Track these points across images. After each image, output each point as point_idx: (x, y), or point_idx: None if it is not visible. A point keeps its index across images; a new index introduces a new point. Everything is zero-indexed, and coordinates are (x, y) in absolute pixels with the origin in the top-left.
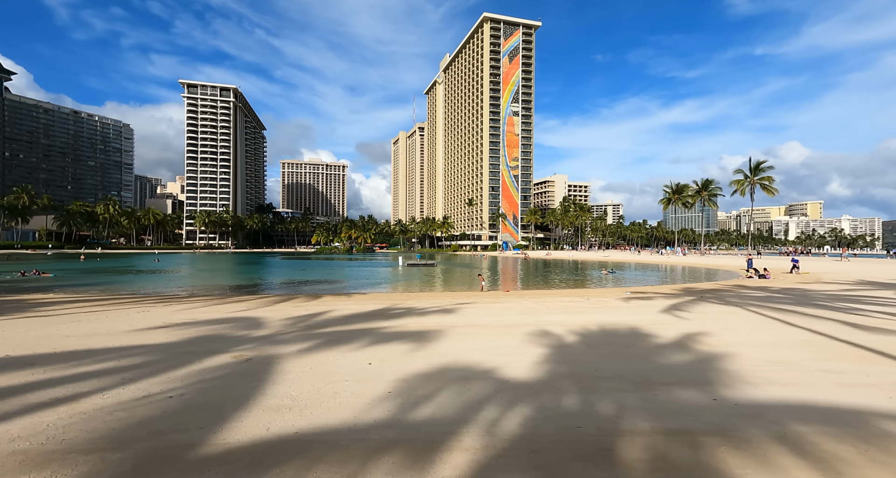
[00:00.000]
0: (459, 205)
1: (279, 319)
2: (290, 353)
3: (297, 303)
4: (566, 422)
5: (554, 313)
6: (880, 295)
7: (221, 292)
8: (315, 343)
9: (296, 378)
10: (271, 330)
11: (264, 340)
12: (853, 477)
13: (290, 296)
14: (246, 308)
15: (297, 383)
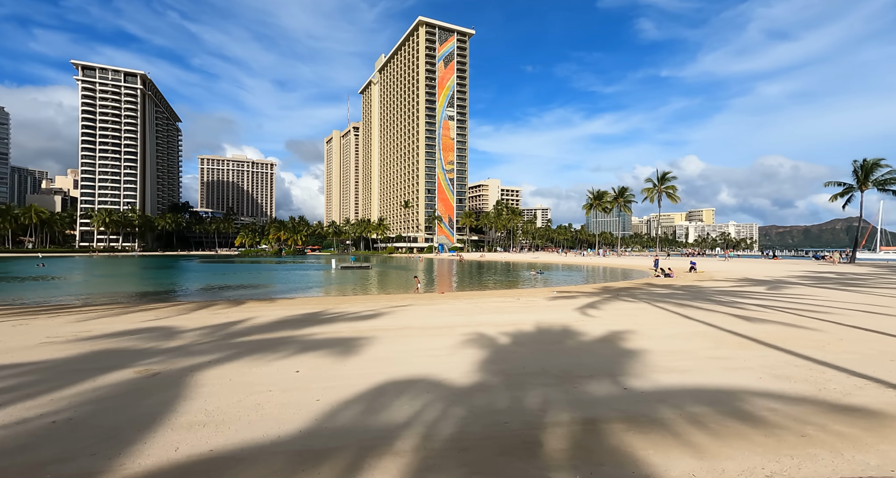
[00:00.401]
0: (395, 207)
1: (195, 328)
2: (206, 364)
3: (217, 310)
4: (494, 419)
5: (486, 314)
6: (756, 290)
7: (125, 301)
8: (236, 352)
9: (212, 391)
10: (185, 340)
11: (177, 351)
12: (732, 445)
13: (208, 303)
14: (155, 318)
15: (214, 397)
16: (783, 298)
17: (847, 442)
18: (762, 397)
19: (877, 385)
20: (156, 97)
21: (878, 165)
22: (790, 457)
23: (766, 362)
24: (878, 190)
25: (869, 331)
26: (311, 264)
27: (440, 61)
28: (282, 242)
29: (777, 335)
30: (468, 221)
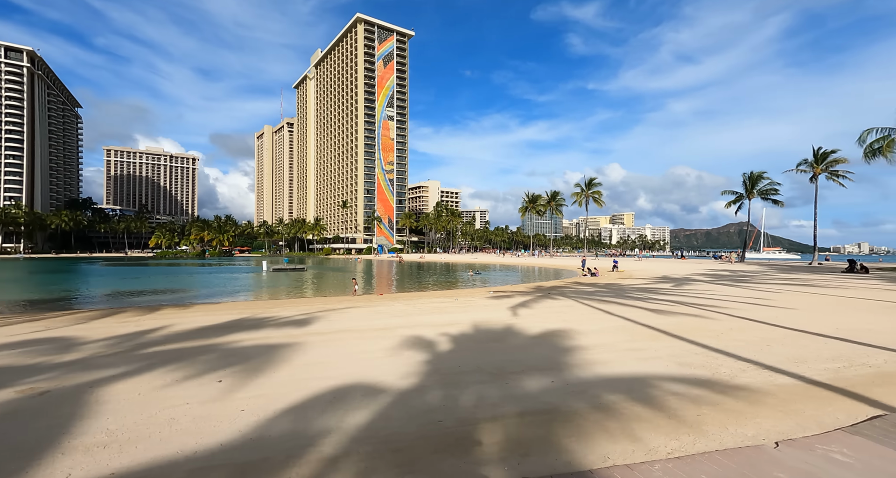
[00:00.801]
0: (333, 207)
1: (97, 339)
2: (110, 378)
3: (125, 318)
4: (429, 418)
5: (425, 314)
6: (667, 287)
7: (5, 310)
8: (148, 364)
9: (117, 408)
10: (85, 353)
11: (73, 365)
12: (641, 428)
13: (114, 310)
14: (46, 328)
15: (119, 414)
16: (688, 294)
17: (731, 418)
18: (668, 383)
19: (756, 367)
20: (48, 78)
21: (762, 178)
22: (687, 434)
23: (673, 351)
24: (761, 198)
25: (752, 321)
26: (240, 267)
27: (379, 60)
28: (205, 244)
29: (682, 327)
30: (408, 222)
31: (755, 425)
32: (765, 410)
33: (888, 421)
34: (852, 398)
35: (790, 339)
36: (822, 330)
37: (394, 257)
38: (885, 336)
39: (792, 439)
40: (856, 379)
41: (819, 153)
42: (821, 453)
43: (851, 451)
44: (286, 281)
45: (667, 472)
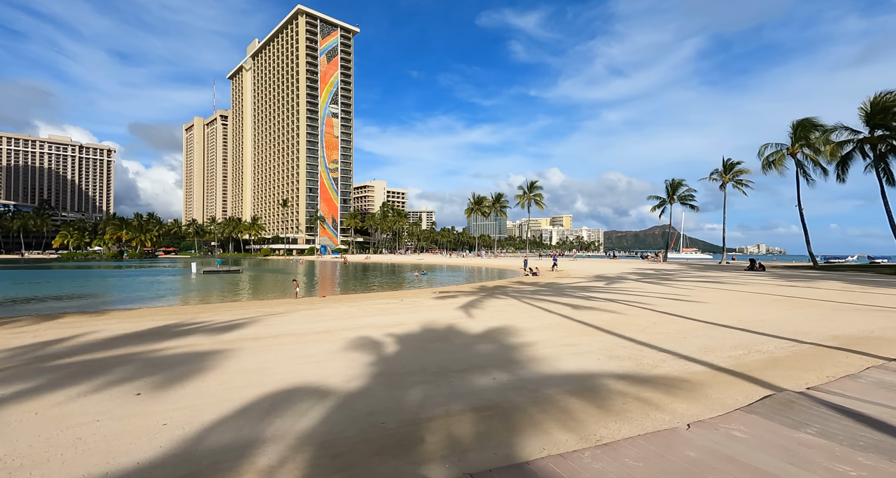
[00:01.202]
0: (272, 205)
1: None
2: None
3: (20, 328)
4: (371, 420)
5: (369, 316)
6: (600, 285)
7: None
8: (49, 379)
9: (8, 431)
10: None
11: None
12: (575, 418)
13: (4, 320)
14: None
15: (11, 437)
16: (618, 291)
17: (652, 404)
18: (599, 375)
19: (674, 357)
20: None
21: (681, 185)
22: (614, 422)
23: (604, 345)
24: (681, 203)
25: (672, 315)
26: (165, 269)
27: (322, 55)
28: (123, 244)
29: (612, 322)
30: (353, 222)
31: (671, 410)
32: (680, 396)
33: (776, 400)
34: (749, 381)
35: (702, 331)
36: (727, 322)
37: (338, 258)
38: (775, 326)
39: (701, 420)
40: (752, 364)
41: (727, 164)
42: (723, 432)
43: (747, 428)
44: (219, 284)
45: (595, 458)
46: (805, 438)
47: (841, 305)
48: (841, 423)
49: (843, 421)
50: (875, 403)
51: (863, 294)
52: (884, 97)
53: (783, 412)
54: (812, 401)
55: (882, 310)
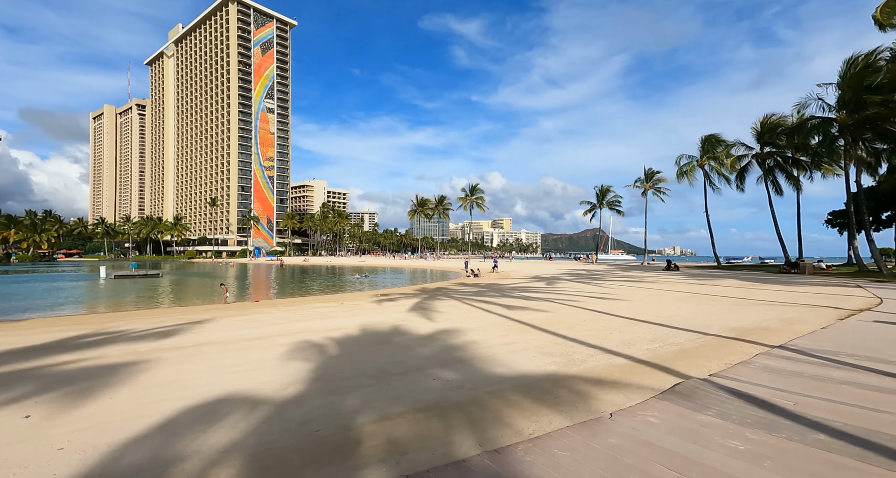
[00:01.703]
0: (199, 205)
1: None
2: None
3: None
4: (306, 428)
5: (307, 321)
6: (537, 285)
7: None
8: None
9: None
10: None
11: None
12: (510, 414)
13: None
14: None
15: None
16: (553, 291)
17: (581, 396)
18: (533, 372)
19: (601, 352)
20: None
21: (609, 191)
22: (546, 415)
23: (539, 342)
24: (609, 208)
25: (600, 312)
26: (66, 274)
27: (256, 47)
28: (10, 246)
29: (547, 321)
30: (290, 222)
31: (597, 401)
32: (605, 387)
33: (684, 386)
34: (663, 371)
35: (626, 326)
36: (646, 318)
37: (273, 261)
38: (686, 320)
39: (622, 409)
40: (666, 356)
41: (648, 173)
42: (640, 418)
43: (660, 413)
44: (134, 290)
45: (527, 451)
46: (706, 419)
47: (738, 300)
48: (734, 404)
49: (736, 402)
50: (761, 385)
51: (754, 290)
52: (770, 119)
53: (689, 398)
54: (713, 386)
55: (769, 304)
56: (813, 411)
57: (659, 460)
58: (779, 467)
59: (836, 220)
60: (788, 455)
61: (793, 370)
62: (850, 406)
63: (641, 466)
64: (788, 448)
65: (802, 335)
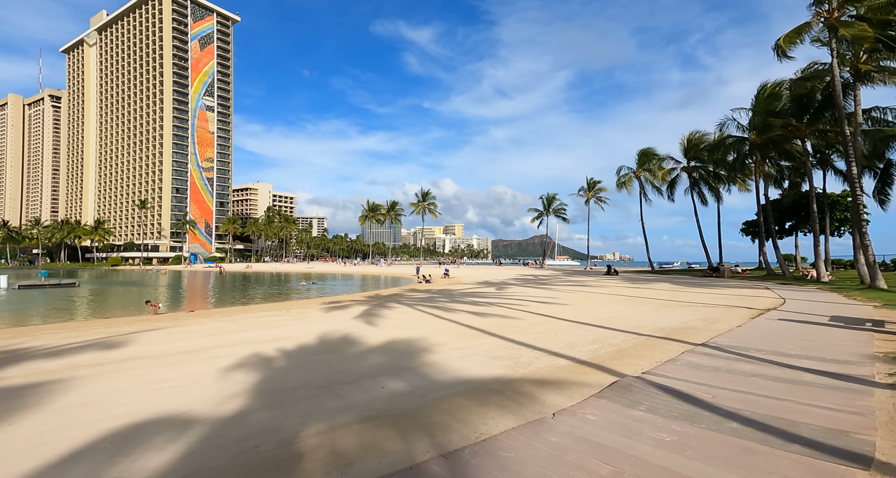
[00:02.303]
0: (125, 207)
1: None
2: None
3: None
4: (243, 445)
5: (249, 331)
6: (488, 291)
7: None
8: None
9: None
10: None
11: None
12: (461, 418)
13: None
14: None
15: None
16: (503, 296)
17: (527, 398)
18: (482, 376)
19: (546, 354)
20: None
21: (555, 199)
22: (493, 418)
23: (488, 347)
24: (555, 216)
25: (546, 316)
26: None
27: (195, 41)
28: None
29: (496, 325)
30: (232, 227)
31: (542, 401)
32: (549, 388)
33: (619, 385)
34: (602, 371)
35: (569, 329)
36: (588, 320)
37: (212, 268)
38: (624, 322)
39: (564, 408)
40: (605, 356)
41: (590, 183)
42: (580, 417)
43: (597, 411)
44: (43, 301)
45: (474, 454)
46: (637, 414)
47: (668, 302)
48: (663, 399)
49: (664, 397)
50: (686, 380)
51: (682, 293)
52: (695, 136)
53: (624, 395)
54: (644, 383)
55: (693, 305)
56: (728, 402)
57: (595, 455)
58: (698, 454)
59: (749, 228)
60: (706, 443)
61: (712, 365)
62: (757, 396)
63: (579, 462)
64: (707, 437)
65: (721, 334)
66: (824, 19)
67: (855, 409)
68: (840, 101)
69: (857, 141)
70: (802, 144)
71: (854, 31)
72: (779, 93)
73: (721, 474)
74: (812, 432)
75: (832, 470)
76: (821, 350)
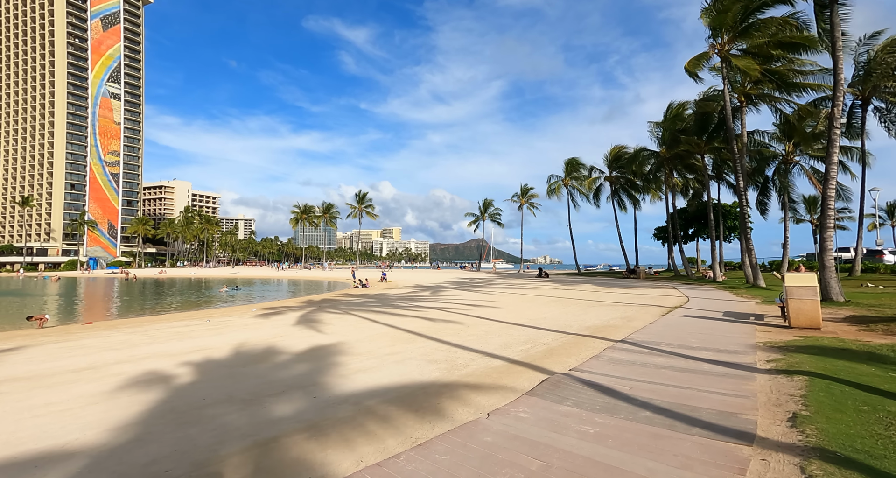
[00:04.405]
0: (1, 205)
1: None
2: None
3: None
4: (151, 471)
5: (160, 343)
6: (424, 294)
7: None
8: None
9: None
10: None
11: None
12: (395, 424)
13: None
14: None
15: None
16: (439, 299)
17: (462, 401)
18: (418, 380)
19: (482, 356)
20: None
21: (490, 204)
22: (429, 423)
23: (424, 350)
24: (491, 220)
25: (481, 318)
26: None
27: (96, 20)
28: None
29: (432, 328)
30: (142, 228)
31: (476, 403)
32: (484, 389)
33: (549, 382)
34: (534, 370)
35: (503, 330)
36: (521, 321)
37: (117, 274)
38: (553, 322)
39: (498, 408)
40: (536, 355)
41: (523, 189)
42: (513, 415)
43: (529, 408)
44: None
45: (409, 460)
46: (565, 409)
47: (592, 302)
48: (588, 393)
49: (589, 392)
50: (607, 375)
51: (604, 293)
52: (617, 148)
53: (553, 391)
54: (572, 379)
55: (614, 305)
56: (642, 393)
57: (526, 451)
58: (617, 443)
59: (660, 234)
60: (624, 432)
61: (629, 360)
62: (666, 386)
63: (511, 459)
64: (624, 426)
65: (637, 330)
66: (718, 50)
67: (741, 392)
68: (730, 123)
69: (744, 158)
70: (702, 160)
71: (743, 64)
72: (681, 114)
73: (636, 459)
74: (709, 415)
75: (724, 448)
76: (716, 342)
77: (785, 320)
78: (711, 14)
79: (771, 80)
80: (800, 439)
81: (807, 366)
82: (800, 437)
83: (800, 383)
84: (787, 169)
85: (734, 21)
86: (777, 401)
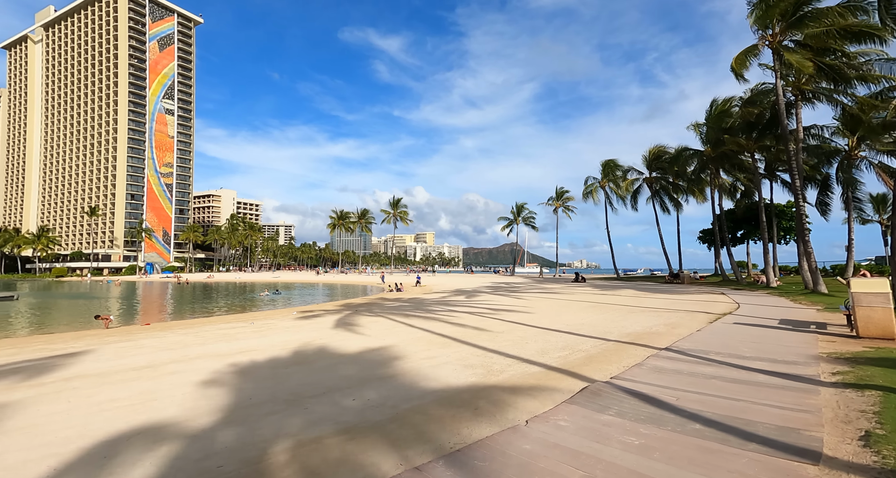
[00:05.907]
0: (73, 214)
1: None
2: None
3: None
4: (204, 466)
5: (209, 344)
6: (459, 299)
7: None
8: None
9: None
10: None
11: None
12: (434, 429)
13: None
14: None
15: None
16: (474, 304)
17: (499, 406)
18: (454, 385)
19: (518, 361)
20: None
21: (524, 208)
22: (466, 427)
23: (460, 355)
24: (525, 224)
25: (517, 323)
26: None
27: (153, 41)
28: None
29: (468, 333)
30: (193, 235)
31: (515, 409)
32: (522, 395)
33: (589, 390)
34: (573, 377)
35: (539, 336)
36: (557, 327)
37: (170, 278)
38: (591, 328)
39: (536, 415)
40: (575, 362)
41: (559, 192)
42: (552, 423)
43: (569, 417)
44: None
45: (448, 465)
46: (607, 419)
47: (633, 308)
48: (630, 403)
49: (632, 401)
50: (651, 384)
51: (646, 299)
52: (657, 148)
53: (594, 400)
54: (613, 388)
55: (656, 311)
56: (690, 404)
57: (567, 460)
58: (664, 456)
59: (706, 237)
60: (671, 445)
61: (675, 369)
62: (716, 397)
63: (552, 468)
64: (671, 439)
65: (683, 338)
66: (769, 42)
67: (804, 407)
68: (784, 119)
69: (800, 156)
70: (752, 158)
71: (796, 59)
72: (728, 110)
73: (684, 474)
74: (766, 430)
75: (785, 466)
76: (772, 352)
77: (852, 330)
78: (760, 10)
79: (827, 75)
80: (875, 460)
81: (880, 380)
82: (874, 457)
83: (872, 398)
84: (852, 165)
85: (785, 10)
86: (846, 417)
